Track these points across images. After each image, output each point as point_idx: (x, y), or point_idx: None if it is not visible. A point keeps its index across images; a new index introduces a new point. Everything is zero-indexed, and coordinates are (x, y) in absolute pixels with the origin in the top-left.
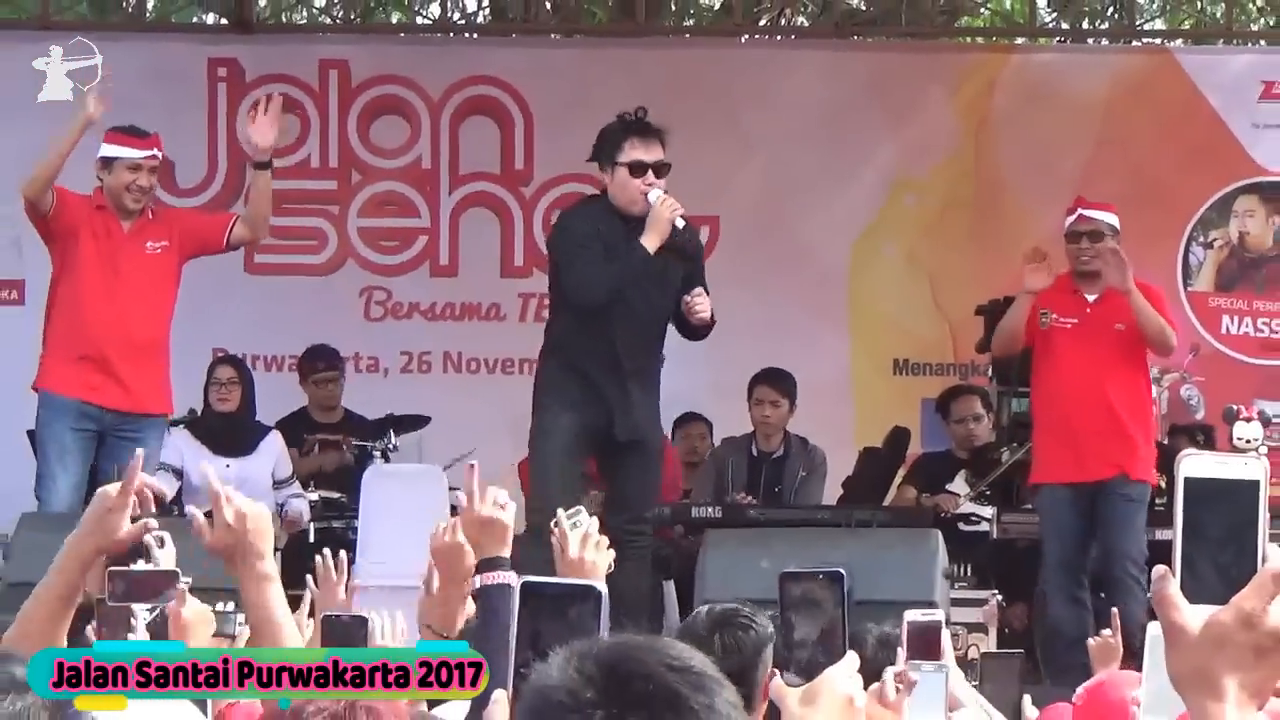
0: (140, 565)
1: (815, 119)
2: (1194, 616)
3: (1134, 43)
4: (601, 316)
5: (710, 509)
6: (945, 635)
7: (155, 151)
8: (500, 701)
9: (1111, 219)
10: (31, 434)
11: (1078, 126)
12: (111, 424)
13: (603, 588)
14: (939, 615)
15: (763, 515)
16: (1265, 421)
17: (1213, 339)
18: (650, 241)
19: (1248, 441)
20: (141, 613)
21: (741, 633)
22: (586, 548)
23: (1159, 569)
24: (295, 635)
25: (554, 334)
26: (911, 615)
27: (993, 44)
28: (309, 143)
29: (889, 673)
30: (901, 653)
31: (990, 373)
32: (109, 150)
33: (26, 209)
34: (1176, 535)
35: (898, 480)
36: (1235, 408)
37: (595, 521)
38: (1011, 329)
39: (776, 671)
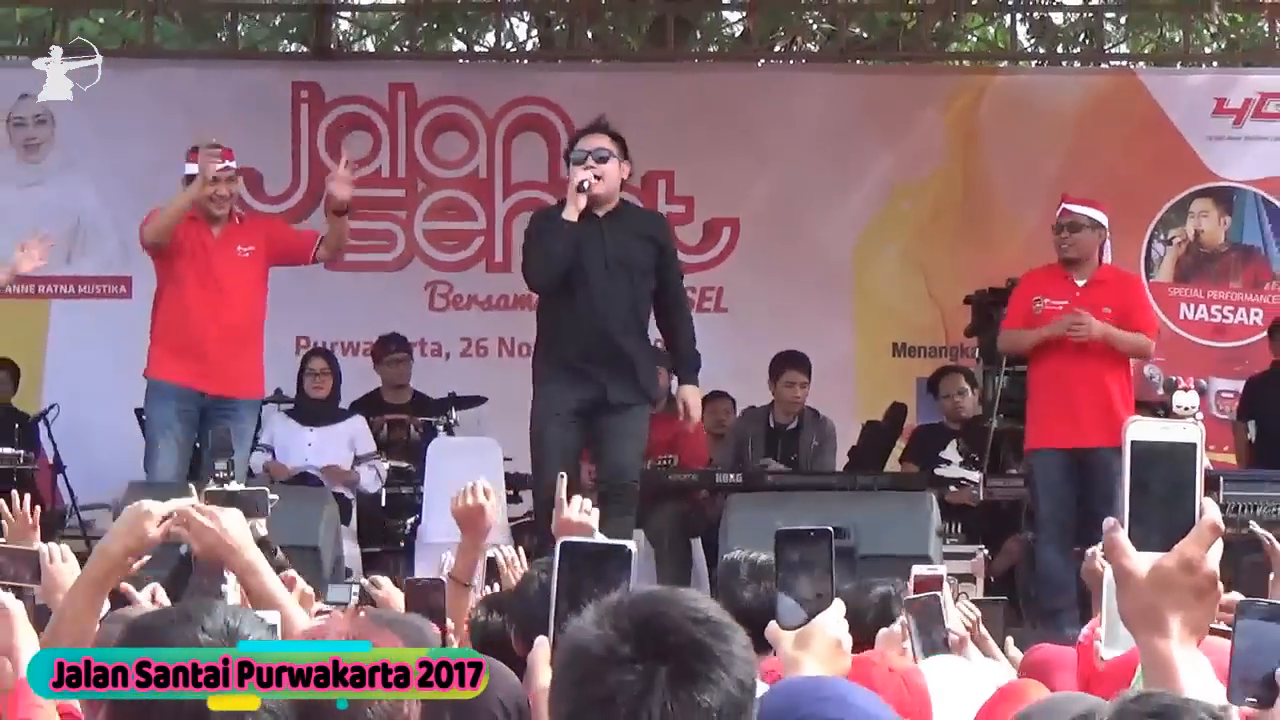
0: (234, 486)
1: (823, 133)
2: (1141, 562)
3: (1102, 65)
4: (571, 301)
5: (732, 475)
6: (946, 586)
7: (228, 164)
8: (543, 645)
9: (1094, 214)
10: (140, 413)
11: (1053, 139)
12: (210, 405)
13: (633, 547)
14: (941, 570)
15: (778, 480)
16: (1201, 392)
17: (1172, 324)
18: (568, 212)
19: (1186, 409)
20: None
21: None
22: (582, 511)
23: (1109, 521)
24: (297, 610)
25: (540, 321)
26: (918, 569)
27: (978, 67)
28: (380, 155)
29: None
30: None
31: (977, 354)
32: (191, 168)
33: (145, 247)
34: (1124, 491)
35: (898, 454)
36: (1174, 379)
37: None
38: (1027, 347)
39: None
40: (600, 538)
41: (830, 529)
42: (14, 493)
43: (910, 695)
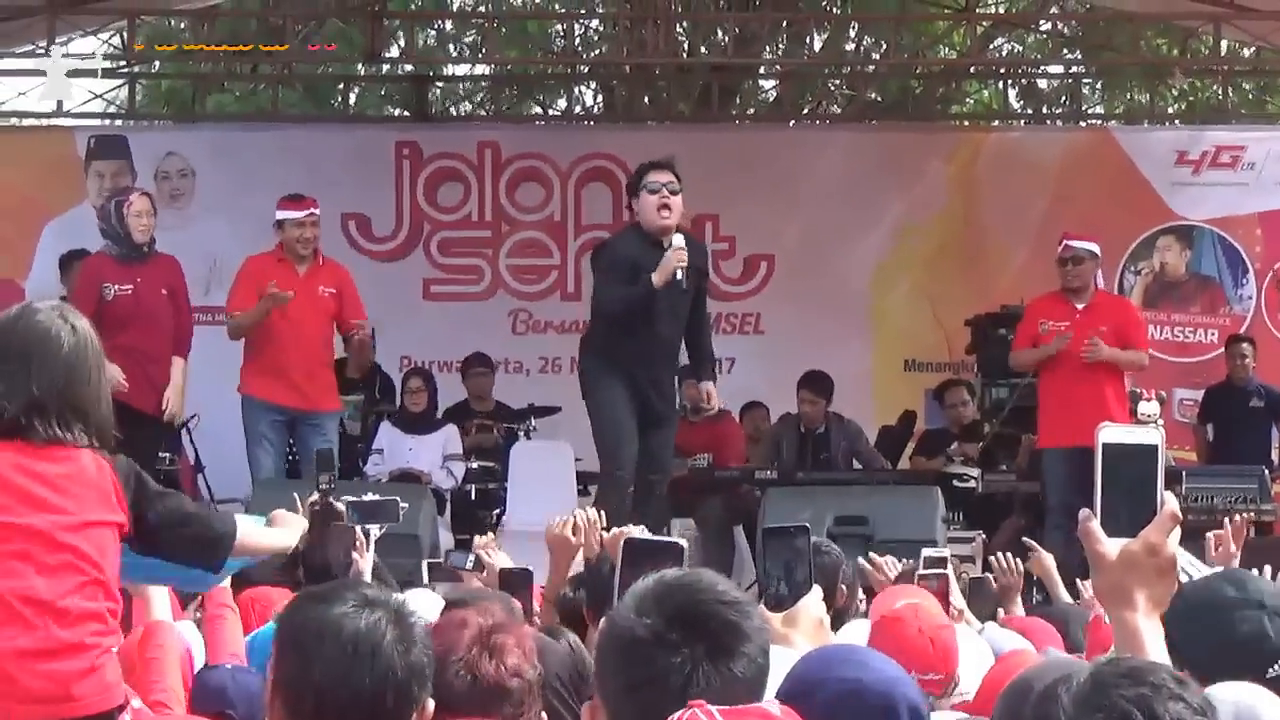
0: (371, 496)
1: (845, 182)
2: (1112, 546)
3: (1080, 124)
4: (631, 323)
5: (769, 472)
6: (950, 566)
7: (311, 210)
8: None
9: (1091, 247)
10: None
11: (1039, 186)
12: (297, 417)
13: (684, 543)
14: (946, 552)
15: (808, 476)
16: (1161, 401)
17: None
18: (657, 279)
19: (1148, 416)
20: (374, 531)
21: (823, 558)
22: (577, 525)
23: (1084, 512)
24: None
25: (594, 334)
26: (928, 551)
27: (976, 126)
28: (470, 203)
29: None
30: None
31: (976, 368)
32: (280, 214)
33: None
34: (1097, 486)
35: (909, 451)
36: (1139, 391)
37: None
38: (1032, 363)
39: (844, 588)
40: (637, 531)
41: (808, 525)
42: None
43: (935, 651)
